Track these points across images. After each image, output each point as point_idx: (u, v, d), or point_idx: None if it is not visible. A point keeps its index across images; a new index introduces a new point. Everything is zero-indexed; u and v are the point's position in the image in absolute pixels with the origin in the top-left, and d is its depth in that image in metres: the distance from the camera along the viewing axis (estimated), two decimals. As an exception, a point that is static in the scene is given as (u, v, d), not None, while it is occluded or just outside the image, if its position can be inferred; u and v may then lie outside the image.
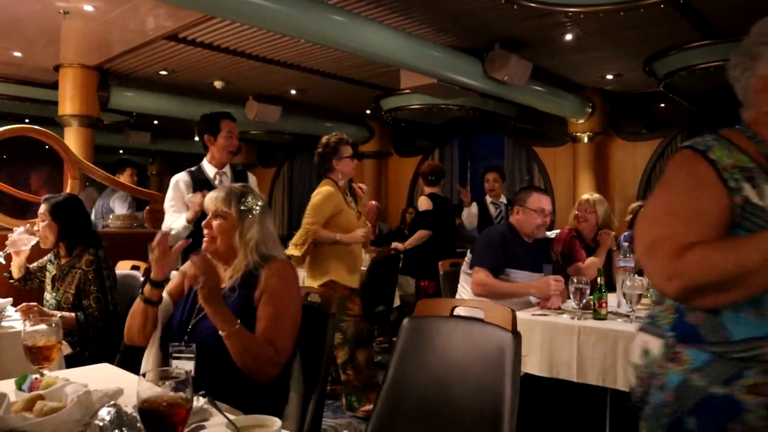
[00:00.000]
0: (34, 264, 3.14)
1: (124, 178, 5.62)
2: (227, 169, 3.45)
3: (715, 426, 1.20)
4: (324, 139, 3.73)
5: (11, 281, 3.10)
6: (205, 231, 1.90)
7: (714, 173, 1.24)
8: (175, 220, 3.27)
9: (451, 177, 9.02)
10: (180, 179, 3.36)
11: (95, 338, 2.79)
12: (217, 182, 3.36)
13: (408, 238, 6.75)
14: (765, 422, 1.17)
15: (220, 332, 1.68)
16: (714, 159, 1.26)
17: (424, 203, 5.19)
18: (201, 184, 3.31)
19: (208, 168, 3.42)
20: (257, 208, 1.92)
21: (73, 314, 2.75)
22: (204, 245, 1.89)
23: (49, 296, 2.91)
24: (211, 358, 1.72)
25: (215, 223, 1.88)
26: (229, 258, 1.88)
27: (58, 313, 2.65)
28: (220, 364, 1.70)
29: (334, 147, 3.69)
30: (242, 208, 1.90)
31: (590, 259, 3.71)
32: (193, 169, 3.44)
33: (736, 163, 1.25)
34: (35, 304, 2.59)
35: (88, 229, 3.01)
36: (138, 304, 1.87)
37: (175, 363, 1.72)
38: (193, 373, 1.70)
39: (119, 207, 5.39)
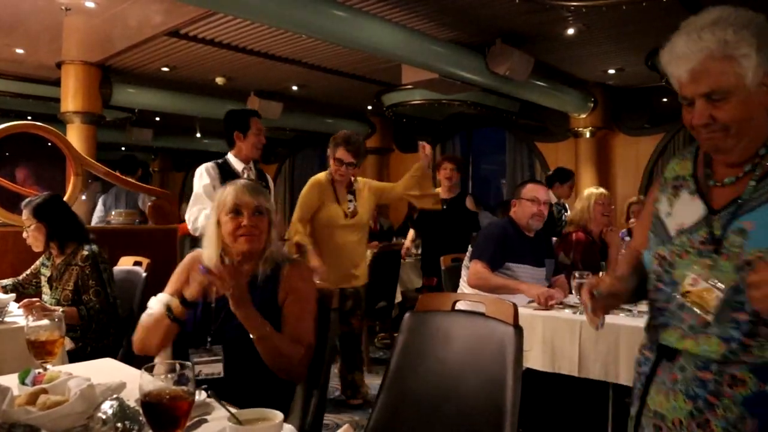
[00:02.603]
0: (23, 274, 3.12)
1: (136, 178, 5.62)
2: (252, 164, 3.53)
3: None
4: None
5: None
6: (248, 228, 1.82)
7: (657, 186, 1.40)
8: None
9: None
10: (210, 167, 3.41)
11: (98, 333, 2.80)
12: (244, 176, 3.42)
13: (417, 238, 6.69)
14: (641, 392, 1.35)
15: (251, 335, 1.67)
16: (664, 173, 1.40)
17: (472, 204, 4.88)
18: (229, 176, 3.32)
19: (235, 162, 3.49)
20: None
21: (74, 309, 2.75)
22: (247, 245, 1.82)
23: (47, 297, 2.90)
24: (242, 358, 1.72)
25: (260, 220, 1.85)
26: (260, 254, 1.87)
27: (60, 309, 2.66)
28: (251, 364, 1.71)
29: (332, 142, 3.68)
30: (270, 202, 1.93)
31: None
32: (219, 161, 3.49)
33: (676, 174, 1.37)
34: (37, 299, 2.60)
35: (76, 224, 2.99)
36: (161, 321, 1.78)
37: (199, 368, 1.70)
38: (222, 374, 1.72)
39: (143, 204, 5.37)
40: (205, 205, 3.22)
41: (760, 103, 1.21)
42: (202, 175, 3.38)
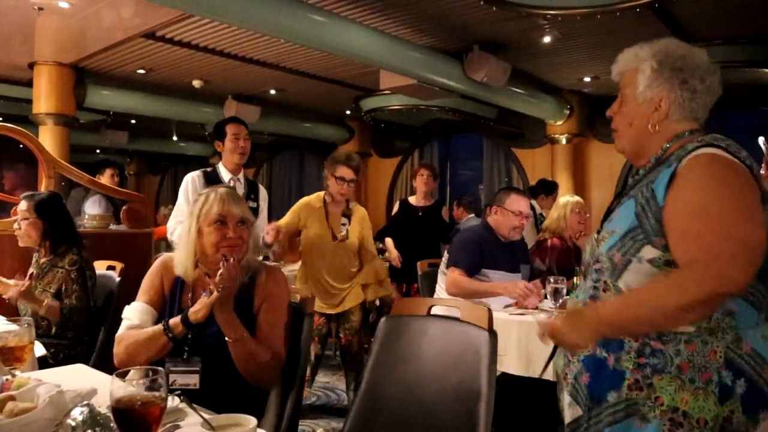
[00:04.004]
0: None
1: (105, 179, 5.53)
2: (241, 176, 3.49)
3: None
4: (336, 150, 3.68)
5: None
6: (234, 240, 1.80)
7: None
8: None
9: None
10: (196, 177, 3.36)
11: (72, 339, 2.76)
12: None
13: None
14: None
15: (227, 338, 1.67)
16: None
17: (448, 215, 4.98)
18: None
19: (224, 172, 3.45)
20: None
21: (57, 303, 2.71)
22: (235, 256, 1.77)
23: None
24: (218, 367, 1.72)
25: (243, 230, 1.84)
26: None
27: (46, 300, 2.66)
28: (227, 374, 1.71)
29: (330, 161, 3.59)
30: (250, 212, 1.93)
31: None
32: (208, 170, 3.46)
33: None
34: (27, 283, 2.60)
35: (71, 228, 2.99)
36: (157, 339, 1.73)
37: (174, 377, 1.68)
38: (198, 385, 1.71)
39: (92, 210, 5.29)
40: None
41: (642, 116, 1.45)
42: (188, 186, 3.34)
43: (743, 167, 1.26)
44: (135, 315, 1.80)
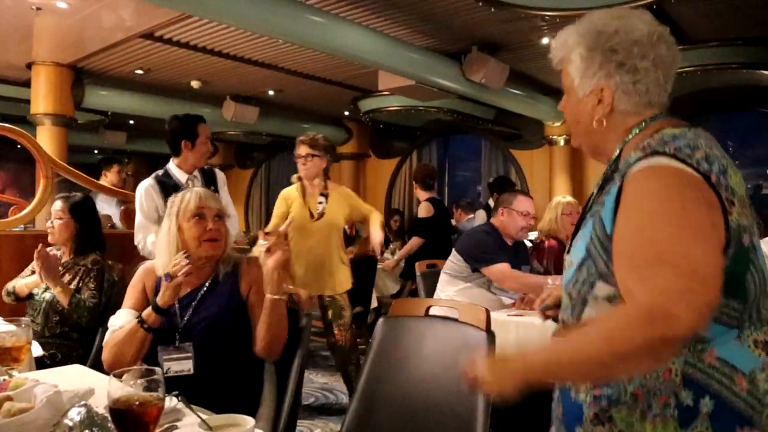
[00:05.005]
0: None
1: (111, 175, 5.52)
2: (197, 172, 3.31)
3: None
4: None
5: (12, 301, 2.99)
6: (214, 232, 1.85)
7: None
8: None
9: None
10: (150, 186, 3.18)
11: (76, 341, 2.80)
12: (188, 187, 3.21)
13: (390, 243, 6.77)
14: None
15: (273, 296, 1.73)
16: None
17: (425, 210, 5.12)
18: (172, 190, 3.10)
19: (178, 173, 3.25)
20: None
21: (72, 290, 2.75)
22: (212, 250, 1.86)
23: (38, 290, 2.87)
24: (209, 354, 1.76)
25: (221, 224, 1.89)
26: (220, 256, 1.92)
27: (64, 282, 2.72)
28: (219, 359, 1.75)
29: (295, 145, 3.70)
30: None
31: None
32: (159, 173, 3.27)
33: None
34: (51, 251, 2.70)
35: (99, 232, 3.07)
36: (134, 333, 1.74)
37: (168, 365, 1.71)
38: (192, 371, 1.74)
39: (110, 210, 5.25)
40: (150, 231, 3.07)
41: (585, 112, 1.24)
42: (143, 198, 3.16)
43: (694, 176, 1.03)
44: (119, 321, 1.83)
